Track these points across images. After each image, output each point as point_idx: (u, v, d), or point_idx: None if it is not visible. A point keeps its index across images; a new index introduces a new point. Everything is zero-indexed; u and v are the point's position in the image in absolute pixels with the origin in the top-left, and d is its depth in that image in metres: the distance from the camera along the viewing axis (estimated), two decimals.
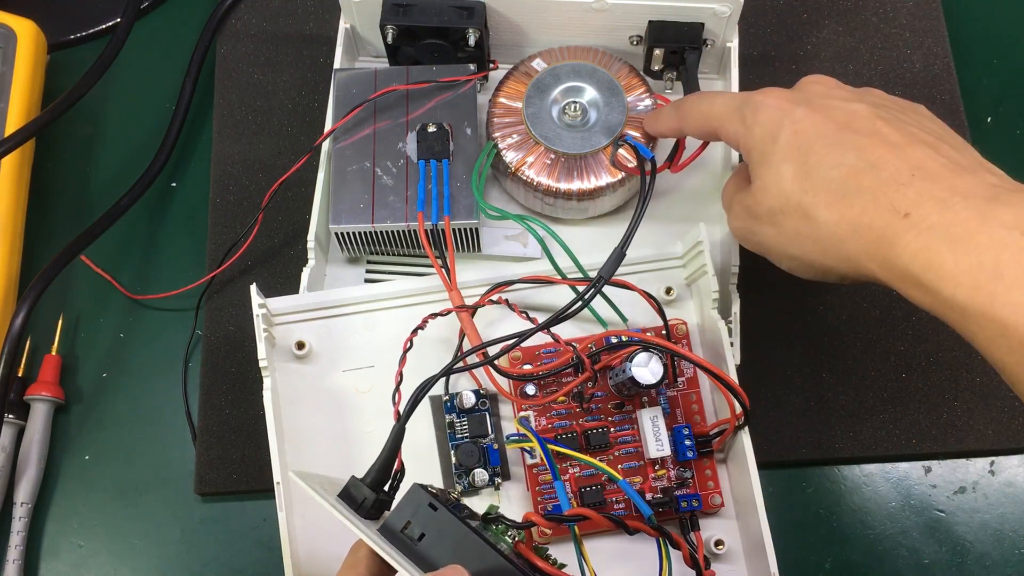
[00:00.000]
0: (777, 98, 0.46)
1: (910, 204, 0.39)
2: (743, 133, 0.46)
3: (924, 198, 0.39)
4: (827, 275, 0.44)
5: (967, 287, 0.37)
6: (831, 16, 0.69)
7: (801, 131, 0.43)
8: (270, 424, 0.49)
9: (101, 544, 0.58)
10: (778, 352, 0.59)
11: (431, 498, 0.37)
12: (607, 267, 0.48)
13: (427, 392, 0.43)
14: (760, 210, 0.45)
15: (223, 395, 0.59)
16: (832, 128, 0.43)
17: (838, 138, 0.42)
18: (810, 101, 0.45)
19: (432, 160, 0.56)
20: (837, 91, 0.46)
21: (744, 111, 0.46)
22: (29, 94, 0.63)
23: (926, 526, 0.57)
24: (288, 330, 0.52)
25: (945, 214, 0.38)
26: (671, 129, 0.54)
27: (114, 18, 0.69)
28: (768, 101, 0.46)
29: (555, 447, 0.48)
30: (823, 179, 0.42)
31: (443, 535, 0.37)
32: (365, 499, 0.40)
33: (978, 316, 0.37)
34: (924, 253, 0.38)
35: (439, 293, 0.53)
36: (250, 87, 0.67)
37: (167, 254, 0.64)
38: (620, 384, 0.49)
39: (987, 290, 0.36)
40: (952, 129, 0.45)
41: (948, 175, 0.40)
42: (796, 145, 0.43)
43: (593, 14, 0.59)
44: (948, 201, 0.38)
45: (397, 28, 0.58)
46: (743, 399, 0.47)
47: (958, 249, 0.37)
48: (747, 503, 0.49)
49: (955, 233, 0.38)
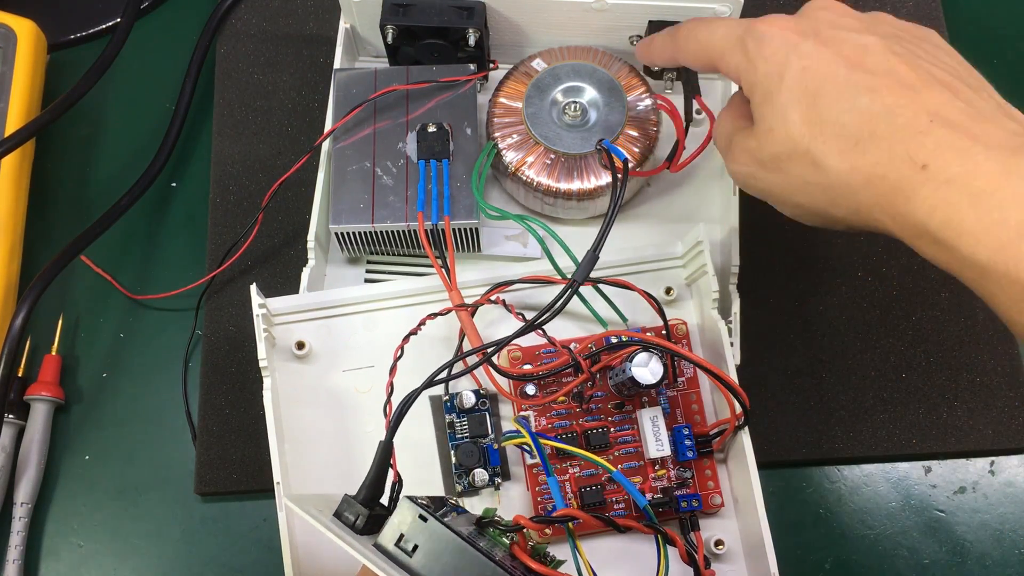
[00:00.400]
0: (783, 28, 0.42)
1: (928, 154, 0.37)
2: (745, 67, 0.43)
3: (943, 148, 0.37)
4: (834, 224, 0.42)
5: (989, 246, 0.35)
6: None
7: (809, 68, 0.41)
8: (270, 424, 0.49)
9: (101, 544, 0.58)
10: (778, 352, 0.59)
11: (420, 509, 0.38)
12: (581, 270, 0.47)
13: (410, 406, 0.42)
14: (764, 154, 0.43)
15: (223, 395, 0.59)
16: (843, 66, 0.40)
17: (850, 78, 0.40)
18: (818, 32, 0.42)
19: (432, 160, 0.56)
20: (846, 20, 0.43)
21: (747, 42, 0.43)
22: (29, 94, 0.63)
23: (926, 526, 0.57)
24: (288, 330, 0.52)
25: (966, 165, 0.36)
26: (665, 57, 0.50)
27: (114, 18, 0.69)
28: (773, 32, 0.42)
29: (548, 442, 0.48)
30: (834, 124, 0.39)
31: (436, 546, 0.37)
32: (359, 517, 0.40)
33: (1000, 276, 0.35)
34: (943, 208, 0.36)
35: (439, 293, 0.53)
36: (250, 87, 0.67)
37: (167, 254, 0.64)
38: (620, 384, 0.49)
39: (1011, 249, 0.35)
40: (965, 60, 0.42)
41: (968, 122, 0.37)
42: (804, 85, 0.40)
43: (593, 14, 0.59)
44: (969, 151, 0.36)
45: (397, 28, 0.58)
46: (743, 399, 0.47)
47: (980, 205, 0.35)
48: (747, 503, 0.49)
49: (977, 187, 0.36)
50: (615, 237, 0.59)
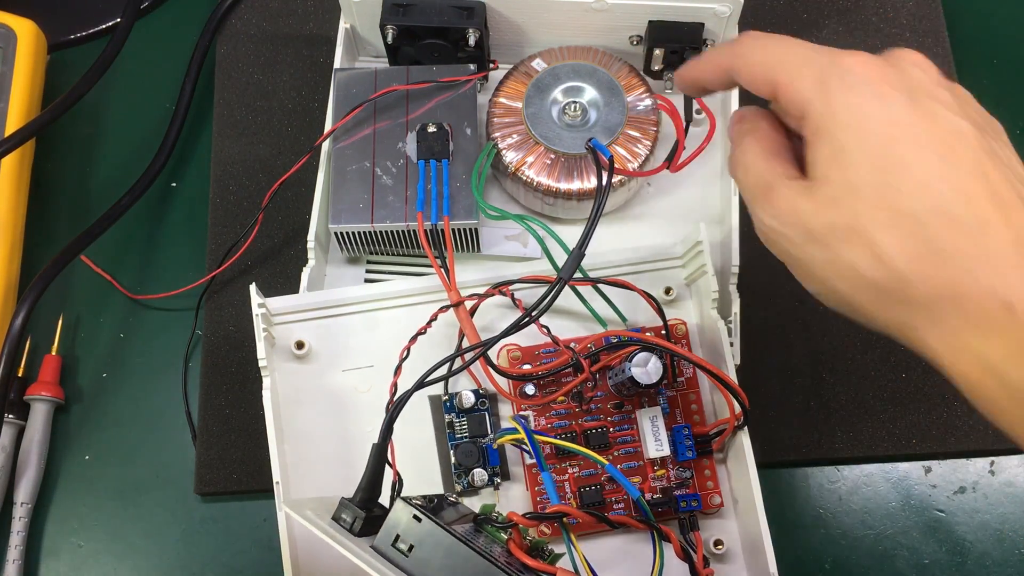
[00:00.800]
0: (875, 73, 0.35)
1: (1015, 293, 0.31)
2: (819, 104, 0.35)
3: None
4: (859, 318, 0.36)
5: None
6: (831, 16, 0.69)
7: (900, 139, 0.34)
8: (269, 424, 0.49)
9: (101, 544, 0.58)
10: (778, 352, 0.59)
11: (415, 510, 0.38)
12: (567, 267, 0.45)
13: (403, 407, 0.42)
14: (818, 223, 0.35)
15: (223, 395, 0.59)
16: (936, 151, 0.33)
17: (943, 172, 0.33)
18: (912, 93, 0.35)
19: (432, 160, 0.56)
20: (940, 91, 0.35)
21: (828, 73, 0.35)
22: (29, 94, 0.63)
23: (926, 526, 0.57)
24: (288, 330, 0.53)
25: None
26: (717, 73, 0.40)
27: (114, 18, 0.69)
28: (863, 73, 0.35)
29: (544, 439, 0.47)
30: (913, 219, 0.33)
31: (432, 545, 0.38)
32: (356, 519, 0.40)
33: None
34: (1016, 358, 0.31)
35: (439, 293, 0.53)
36: (250, 87, 0.67)
37: (167, 254, 0.64)
38: (619, 384, 0.49)
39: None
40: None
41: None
42: (889, 156, 0.33)
43: (593, 14, 0.59)
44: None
45: (397, 28, 0.58)
46: (742, 399, 0.47)
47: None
48: (746, 503, 0.49)
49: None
50: (615, 237, 0.59)
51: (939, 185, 0.33)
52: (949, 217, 0.32)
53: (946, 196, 0.33)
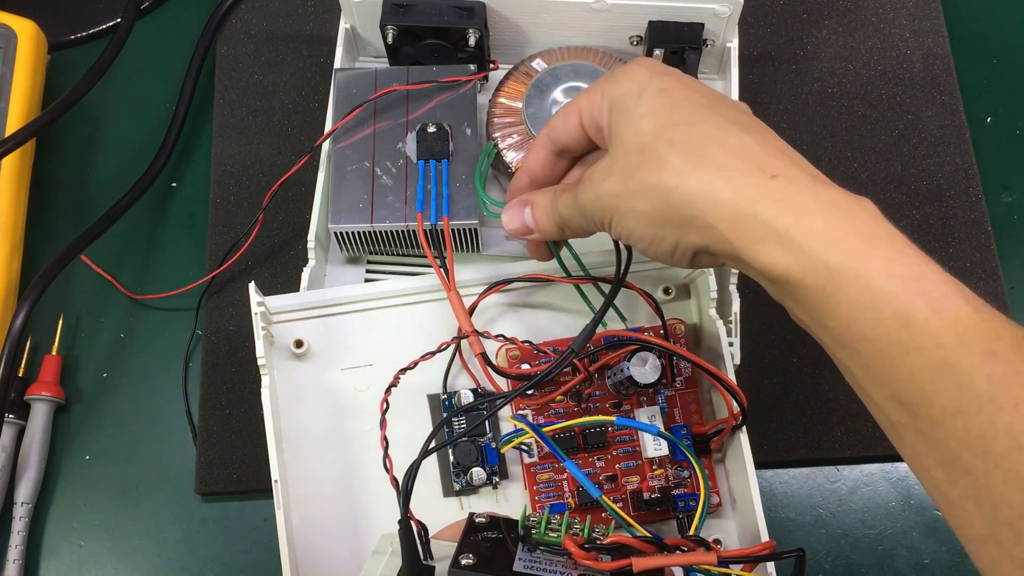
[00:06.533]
0: (643, 64, 0.43)
1: (779, 169, 0.38)
2: (604, 91, 0.43)
3: (792, 167, 0.38)
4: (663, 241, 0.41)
5: (841, 249, 0.35)
6: (831, 16, 0.69)
7: (668, 90, 0.41)
8: (268, 423, 0.49)
9: (101, 544, 0.58)
10: (778, 352, 0.59)
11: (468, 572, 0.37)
12: (579, 340, 0.46)
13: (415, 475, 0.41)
14: (615, 167, 0.41)
15: (223, 395, 0.59)
16: (701, 97, 0.41)
17: (709, 103, 0.41)
18: (675, 74, 0.43)
19: (432, 160, 0.56)
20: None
21: (605, 79, 0.44)
22: (29, 94, 0.63)
23: (926, 526, 0.57)
24: (286, 328, 0.52)
25: (815, 184, 0.37)
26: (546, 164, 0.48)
27: (114, 18, 0.70)
28: (632, 66, 0.43)
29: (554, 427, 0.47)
30: (685, 132, 0.39)
31: None
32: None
33: (852, 279, 0.35)
34: (793, 212, 0.36)
35: (438, 292, 0.53)
36: (250, 87, 0.67)
37: (167, 254, 0.64)
38: (618, 383, 0.49)
39: (862, 256, 0.35)
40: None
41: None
42: (661, 102, 0.41)
43: (593, 14, 0.59)
44: (817, 178, 0.38)
45: (397, 28, 0.58)
46: (740, 398, 0.47)
47: (830, 214, 0.36)
48: (745, 503, 0.49)
49: (826, 198, 0.37)
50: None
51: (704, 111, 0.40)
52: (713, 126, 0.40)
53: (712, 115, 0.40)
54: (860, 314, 0.35)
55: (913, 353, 0.34)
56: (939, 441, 0.34)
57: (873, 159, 0.65)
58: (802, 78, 0.67)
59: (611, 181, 0.41)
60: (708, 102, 0.41)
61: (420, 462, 0.42)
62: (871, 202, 0.37)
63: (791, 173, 0.38)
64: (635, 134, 0.41)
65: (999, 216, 0.65)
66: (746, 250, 0.37)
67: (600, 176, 0.42)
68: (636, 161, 0.40)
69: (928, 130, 0.65)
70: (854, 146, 0.65)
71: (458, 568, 0.37)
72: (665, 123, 0.40)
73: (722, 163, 0.38)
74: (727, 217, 0.38)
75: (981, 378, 0.33)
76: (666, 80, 0.42)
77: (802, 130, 0.66)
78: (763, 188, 0.37)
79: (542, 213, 0.46)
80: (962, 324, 0.34)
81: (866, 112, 0.66)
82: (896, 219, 0.37)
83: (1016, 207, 0.66)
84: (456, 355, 0.51)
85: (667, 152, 0.39)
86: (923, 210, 0.64)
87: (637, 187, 0.40)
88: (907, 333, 0.34)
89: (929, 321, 0.34)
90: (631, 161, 0.40)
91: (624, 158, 0.41)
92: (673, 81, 0.42)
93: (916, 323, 0.34)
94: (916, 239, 0.37)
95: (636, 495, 0.50)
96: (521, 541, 0.40)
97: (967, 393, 0.33)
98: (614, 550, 0.39)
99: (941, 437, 0.34)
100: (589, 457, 0.50)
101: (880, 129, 0.66)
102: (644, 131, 0.40)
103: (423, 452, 0.42)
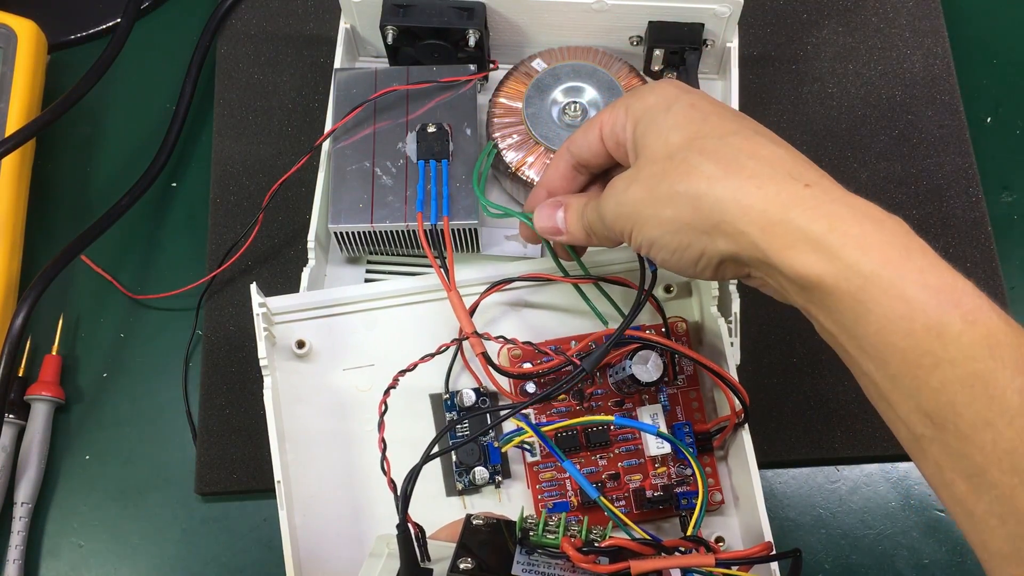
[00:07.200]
0: (670, 82, 0.44)
1: (812, 179, 0.38)
2: (630, 106, 0.43)
3: (825, 179, 0.38)
4: (688, 249, 0.40)
5: (876, 258, 0.35)
6: (831, 16, 0.69)
7: (697, 105, 0.41)
8: (270, 423, 0.49)
9: (101, 544, 0.58)
10: (778, 352, 0.59)
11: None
12: (591, 359, 0.46)
13: (415, 480, 0.41)
14: (641, 175, 0.41)
15: (223, 395, 0.59)
16: (730, 112, 0.42)
17: (737, 118, 0.41)
18: (701, 92, 0.43)
19: (432, 160, 0.56)
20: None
21: (629, 98, 0.44)
22: (29, 94, 0.63)
23: (926, 526, 0.57)
24: (288, 329, 0.52)
25: (849, 196, 0.37)
26: (564, 177, 0.48)
27: (114, 18, 0.70)
28: (660, 83, 0.44)
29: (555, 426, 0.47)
30: (716, 143, 0.39)
31: None
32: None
33: (886, 288, 0.35)
34: (828, 219, 0.36)
35: (438, 292, 0.53)
36: (250, 87, 0.67)
37: (167, 254, 0.64)
38: (620, 382, 0.49)
39: (897, 266, 0.35)
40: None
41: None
42: (690, 115, 0.41)
43: (593, 14, 0.59)
44: (848, 192, 0.38)
45: (397, 28, 0.58)
46: (743, 396, 0.47)
47: (865, 223, 0.36)
48: (747, 500, 0.49)
49: (861, 209, 0.37)
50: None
51: (734, 123, 0.41)
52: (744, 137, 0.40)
53: (743, 126, 0.41)
54: (892, 323, 0.35)
55: (944, 364, 0.34)
56: (965, 454, 0.34)
57: (873, 159, 0.65)
58: (802, 78, 0.67)
59: (635, 188, 0.41)
60: (737, 117, 0.41)
61: (420, 467, 0.42)
62: (902, 220, 0.37)
63: (825, 184, 0.38)
64: (664, 144, 0.41)
65: (999, 216, 0.65)
66: (777, 256, 0.37)
67: (623, 184, 0.42)
68: (663, 169, 0.40)
69: (928, 130, 0.66)
70: (854, 146, 0.65)
71: (456, 573, 0.37)
72: (695, 135, 0.40)
73: (754, 171, 0.38)
74: (758, 222, 0.37)
75: (1013, 391, 0.33)
76: (693, 97, 0.42)
77: (802, 130, 0.66)
78: (797, 195, 0.37)
79: (573, 216, 0.46)
80: (995, 337, 0.34)
81: (866, 112, 0.66)
82: None
83: (1016, 207, 0.66)
84: (458, 355, 0.51)
85: (698, 160, 0.39)
86: (923, 210, 0.64)
87: (663, 193, 0.40)
88: (939, 344, 0.34)
89: (962, 333, 0.34)
90: (657, 169, 0.40)
91: (650, 167, 0.41)
92: (700, 98, 0.42)
93: (949, 335, 0.34)
94: None
95: (639, 493, 0.50)
96: (519, 543, 0.40)
97: (998, 406, 0.33)
98: (612, 553, 0.39)
99: (968, 450, 0.34)
100: (592, 455, 0.50)
101: (880, 129, 0.66)
102: (673, 141, 0.40)
103: (424, 457, 0.42)
